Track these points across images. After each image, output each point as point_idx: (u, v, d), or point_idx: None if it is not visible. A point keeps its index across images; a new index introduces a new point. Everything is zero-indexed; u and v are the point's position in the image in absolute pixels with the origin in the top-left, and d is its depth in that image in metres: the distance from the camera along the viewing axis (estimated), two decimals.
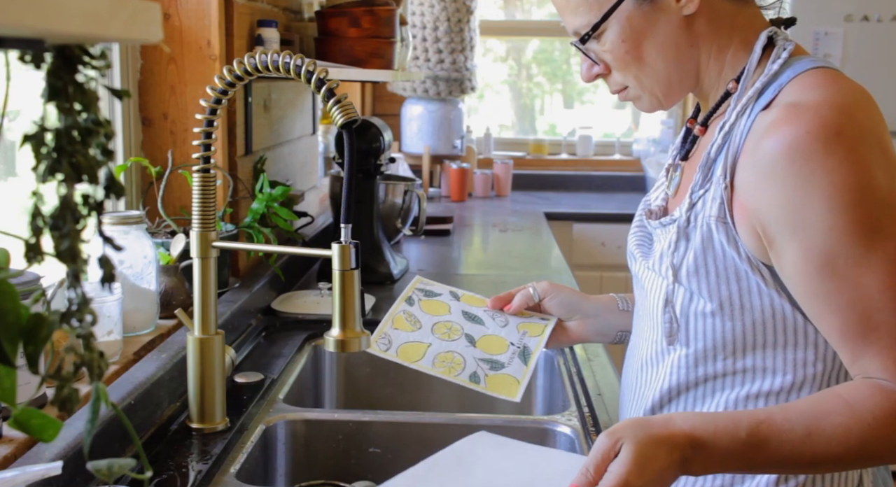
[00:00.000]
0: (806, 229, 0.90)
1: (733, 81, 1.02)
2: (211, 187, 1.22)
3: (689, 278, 1.00)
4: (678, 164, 1.11)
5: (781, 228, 0.92)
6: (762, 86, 0.99)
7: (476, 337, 1.25)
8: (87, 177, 0.47)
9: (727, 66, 1.04)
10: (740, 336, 0.99)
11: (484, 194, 3.92)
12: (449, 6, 3.57)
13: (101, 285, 0.49)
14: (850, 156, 0.89)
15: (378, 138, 2.16)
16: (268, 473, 1.35)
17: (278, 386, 1.49)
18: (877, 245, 0.89)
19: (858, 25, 3.41)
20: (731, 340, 1.00)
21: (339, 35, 2.07)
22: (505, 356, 1.22)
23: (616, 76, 1.07)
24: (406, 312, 1.26)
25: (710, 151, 1.01)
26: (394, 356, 1.20)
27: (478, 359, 1.21)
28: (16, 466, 0.93)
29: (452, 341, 1.23)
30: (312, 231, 2.36)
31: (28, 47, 0.45)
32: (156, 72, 1.72)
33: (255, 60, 1.14)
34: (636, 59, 1.03)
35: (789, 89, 0.96)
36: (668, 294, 1.02)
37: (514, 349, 1.24)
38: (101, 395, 0.51)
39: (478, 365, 1.21)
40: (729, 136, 0.99)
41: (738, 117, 0.99)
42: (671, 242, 1.02)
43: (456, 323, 1.26)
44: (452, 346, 1.22)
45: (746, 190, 0.95)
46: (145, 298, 1.40)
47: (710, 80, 1.05)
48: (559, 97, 4.74)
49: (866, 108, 0.93)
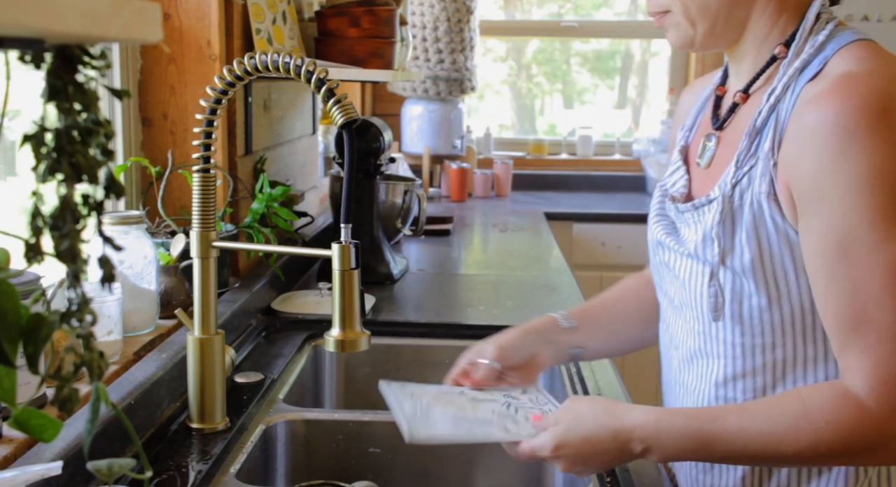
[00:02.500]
0: (829, 204, 0.89)
1: (781, 46, 0.99)
2: (211, 187, 1.22)
3: (741, 258, 0.97)
4: (712, 134, 1.07)
5: (809, 200, 0.91)
6: (809, 57, 0.96)
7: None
8: (87, 177, 0.47)
9: (776, 29, 1.00)
10: (799, 320, 0.97)
11: (484, 194, 3.92)
12: (449, 6, 3.57)
13: (101, 285, 0.49)
14: (893, 138, 0.87)
15: (378, 138, 2.16)
16: (268, 473, 1.35)
17: (278, 386, 1.49)
18: (894, 237, 0.87)
19: (858, 25, 3.40)
20: (785, 324, 0.97)
21: (339, 35, 2.07)
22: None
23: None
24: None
25: (757, 120, 0.97)
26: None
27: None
28: (16, 466, 0.93)
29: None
30: (312, 231, 2.36)
31: (28, 47, 0.45)
32: (156, 72, 1.72)
33: (255, 60, 1.14)
34: None
35: (837, 60, 0.94)
36: (713, 271, 0.99)
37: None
38: (101, 395, 0.51)
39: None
40: (775, 108, 0.97)
41: (784, 90, 0.96)
42: (714, 222, 0.98)
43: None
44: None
45: (789, 162, 0.93)
46: (145, 298, 1.40)
47: (755, 40, 1.01)
48: (559, 97, 4.74)
49: None
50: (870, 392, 0.89)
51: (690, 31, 1.02)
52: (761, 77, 1.01)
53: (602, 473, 1.15)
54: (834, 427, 0.89)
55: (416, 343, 1.79)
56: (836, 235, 0.89)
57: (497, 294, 2.16)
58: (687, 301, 1.05)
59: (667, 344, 1.15)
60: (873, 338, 0.89)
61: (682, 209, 1.06)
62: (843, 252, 0.89)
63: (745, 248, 0.96)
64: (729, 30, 1.01)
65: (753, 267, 0.96)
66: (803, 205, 0.92)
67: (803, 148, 0.91)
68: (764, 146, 0.96)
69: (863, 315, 0.89)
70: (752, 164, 0.97)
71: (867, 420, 0.89)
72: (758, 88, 1.02)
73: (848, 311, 0.90)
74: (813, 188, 0.90)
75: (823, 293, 0.92)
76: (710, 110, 1.11)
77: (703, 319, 1.03)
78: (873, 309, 0.88)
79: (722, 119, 1.07)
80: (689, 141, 1.15)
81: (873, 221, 0.87)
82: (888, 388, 0.88)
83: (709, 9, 0.99)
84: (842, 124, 0.87)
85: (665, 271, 1.10)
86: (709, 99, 1.15)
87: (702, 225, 1.01)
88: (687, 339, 1.07)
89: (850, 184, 0.87)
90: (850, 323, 0.90)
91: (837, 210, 0.89)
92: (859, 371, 0.90)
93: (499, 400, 1.15)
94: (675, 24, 1.03)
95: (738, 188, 0.97)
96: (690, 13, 1.00)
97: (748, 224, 0.96)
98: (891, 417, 0.88)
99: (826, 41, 0.97)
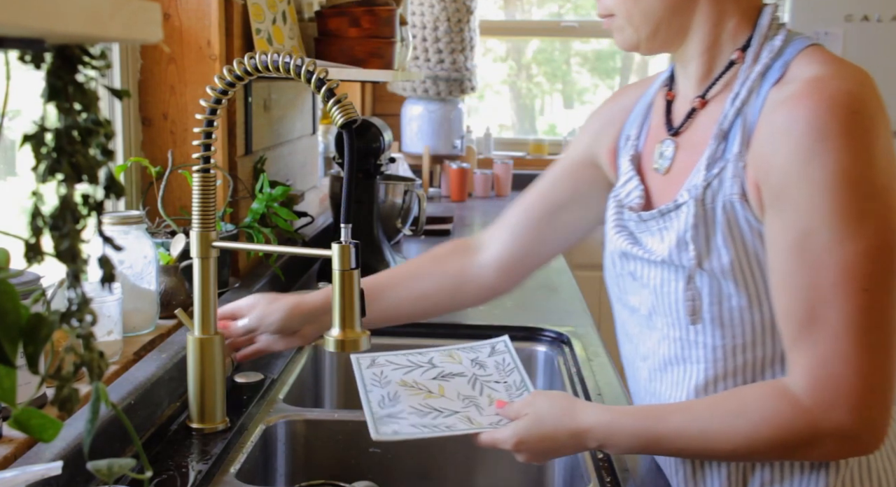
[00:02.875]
0: (793, 202, 0.90)
1: (738, 51, 1.00)
2: (211, 187, 1.22)
3: (719, 260, 0.97)
4: (669, 140, 1.08)
5: (775, 197, 0.92)
6: (769, 61, 0.98)
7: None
8: (87, 177, 0.47)
9: (727, 35, 1.02)
10: (770, 321, 0.98)
11: (484, 194, 3.92)
12: (449, 6, 3.57)
13: (101, 285, 0.49)
14: (862, 138, 0.88)
15: (378, 138, 2.16)
16: (268, 473, 1.35)
17: (278, 386, 1.49)
18: (851, 237, 0.88)
19: (858, 25, 3.41)
20: (766, 323, 0.98)
21: (339, 35, 2.07)
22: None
23: (609, 0, 1.04)
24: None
25: (723, 124, 0.98)
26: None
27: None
28: (16, 466, 0.93)
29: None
30: (312, 231, 2.36)
31: (28, 47, 0.45)
32: (156, 72, 1.72)
33: (255, 60, 1.14)
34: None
35: (798, 64, 0.96)
36: (689, 275, 0.99)
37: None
38: (101, 395, 0.51)
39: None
40: (741, 112, 0.98)
41: (749, 94, 0.98)
42: (688, 226, 0.99)
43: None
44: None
45: (760, 162, 0.94)
46: (145, 298, 1.40)
47: (700, 44, 1.02)
48: (559, 97, 4.74)
49: (877, 90, 0.94)
50: (807, 389, 0.91)
51: (634, 36, 1.04)
52: (719, 82, 1.03)
53: (602, 473, 1.16)
54: (770, 424, 0.92)
55: (416, 343, 1.79)
56: (796, 233, 0.91)
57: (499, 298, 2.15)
58: (660, 308, 1.05)
59: (631, 357, 1.15)
60: (817, 337, 0.90)
61: (646, 217, 1.06)
62: (800, 250, 0.90)
63: (722, 250, 0.97)
64: (672, 34, 1.03)
65: (733, 268, 0.97)
66: (772, 203, 0.93)
67: (775, 147, 0.92)
68: (732, 149, 0.97)
69: (811, 313, 0.90)
70: (721, 167, 0.98)
71: (802, 417, 0.91)
72: (716, 93, 1.03)
73: (798, 309, 0.91)
74: (780, 186, 0.92)
75: (778, 289, 0.94)
76: (661, 117, 1.11)
77: (680, 325, 1.03)
78: (822, 308, 0.90)
79: (679, 124, 1.07)
80: (641, 149, 1.14)
81: (833, 221, 0.88)
82: (824, 386, 0.90)
83: (650, 14, 1.01)
84: (814, 125, 0.89)
85: (629, 282, 1.10)
86: (652, 106, 1.15)
87: (671, 230, 1.02)
88: (659, 348, 1.07)
89: (816, 184, 0.89)
90: (799, 321, 0.92)
91: (800, 208, 0.90)
92: (800, 368, 0.92)
93: (465, 373, 1.19)
94: (619, 27, 1.05)
95: (709, 191, 0.98)
96: (633, 18, 1.02)
97: (723, 226, 0.97)
98: (825, 415, 0.90)
99: (783, 46, 0.99)
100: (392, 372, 1.18)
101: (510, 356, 1.23)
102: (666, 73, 1.15)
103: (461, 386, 1.16)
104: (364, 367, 1.19)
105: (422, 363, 1.20)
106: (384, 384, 1.16)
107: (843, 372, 0.89)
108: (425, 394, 1.14)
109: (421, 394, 1.14)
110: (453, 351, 1.23)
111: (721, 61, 1.02)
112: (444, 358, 1.22)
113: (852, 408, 0.90)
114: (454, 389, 1.16)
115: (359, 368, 1.19)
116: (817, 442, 0.92)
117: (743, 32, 1.01)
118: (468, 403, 1.13)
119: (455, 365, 1.21)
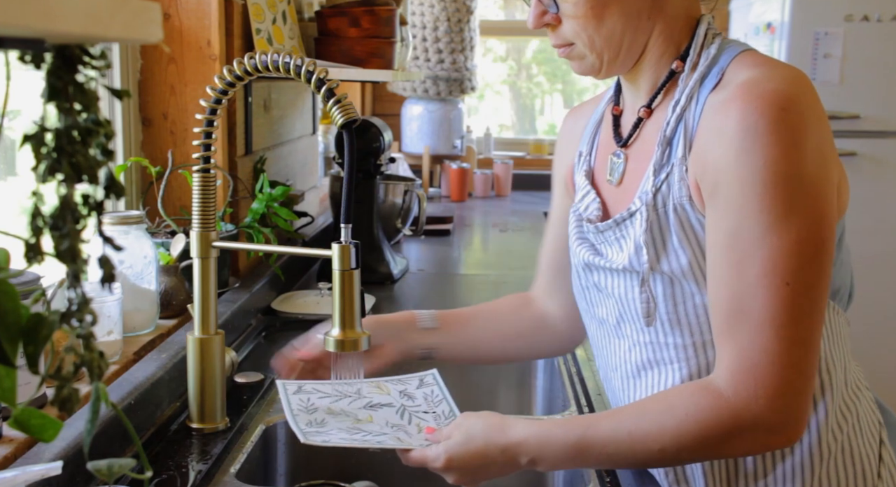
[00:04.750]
0: (725, 197, 0.92)
1: (678, 61, 1.03)
2: (211, 187, 1.22)
3: (678, 261, 0.99)
4: (619, 151, 1.10)
5: (711, 194, 0.95)
6: (706, 68, 1.01)
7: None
8: (87, 177, 0.47)
9: (672, 46, 1.04)
10: None
11: (484, 194, 3.92)
12: (449, 6, 3.57)
13: (101, 285, 0.49)
14: (791, 136, 0.90)
15: (378, 138, 2.16)
16: (268, 473, 1.35)
17: None
18: (775, 231, 0.90)
19: (858, 25, 3.41)
20: None
21: (339, 35, 2.07)
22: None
23: (566, 30, 1.03)
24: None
25: (666, 131, 1.01)
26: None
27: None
28: (16, 466, 0.93)
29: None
30: (312, 231, 2.36)
31: (28, 47, 0.45)
32: (156, 72, 1.72)
33: (255, 60, 1.14)
34: (597, 16, 1.00)
35: (733, 69, 0.98)
36: (643, 278, 1.01)
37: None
38: (101, 395, 0.51)
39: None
40: (682, 118, 1.00)
41: (689, 100, 1.00)
42: (642, 231, 1.01)
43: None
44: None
45: (697, 162, 0.97)
46: (145, 298, 1.40)
47: (653, 58, 1.05)
48: (559, 97, 4.74)
49: (811, 88, 0.95)
50: (729, 381, 0.92)
51: (596, 62, 1.05)
52: (661, 91, 1.05)
53: (602, 473, 1.15)
54: (694, 418, 0.92)
55: None
56: (726, 226, 0.93)
57: (497, 294, 2.15)
58: (626, 316, 1.07)
59: (603, 368, 1.16)
60: (741, 329, 0.92)
61: (602, 227, 1.08)
62: (730, 243, 0.92)
63: (679, 251, 0.99)
64: (632, 53, 1.04)
65: (692, 268, 0.99)
66: (708, 199, 0.95)
67: (710, 147, 0.95)
68: (676, 153, 0.99)
69: (736, 305, 0.92)
70: (667, 172, 1.00)
71: (724, 409, 0.91)
72: (659, 102, 1.06)
73: (725, 301, 0.93)
74: (714, 183, 0.94)
75: (710, 281, 0.96)
76: (610, 130, 1.13)
77: (647, 329, 1.05)
78: (746, 300, 0.91)
79: (626, 136, 1.09)
80: (593, 164, 1.17)
81: (759, 215, 0.90)
82: (745, 377, 0.91)
83: (613, 38, 1.02)
84: (745, 123, 0.91)
85: (595, 293, 1.12)
86: (601, 121, 1.18)
87: (628, 238, 1.04)
88: (630, 355, 1.08)
89: (746, 179, 0.91)
90: (725, 313, 0.93)
91: (732, 202, 0.92)
92: (724, 361, 0.93)
93: (394, 404, 1.16)
94: (579, 55, 1.05)
95: (659, 196, 1.00)
96: (595, 45, 1.03)
97: (676, 228, 0.99)
98: (746, 406, 0.91)
99: (718, 54, 1.01)
100: (319, 399, 1.15)
101: (438, 388, 1.20)
102: (612, 89, 1.17)
103: (389, 415, 1.14)
104: (290, 392, 1.16)
105: (349, 393, 1.17)
106: (310, 410, 1.12)
107: (763, 363, 0.91)
108: (353, 420, 1.11)
109: (349, 420, 1.11)
110: (381, 382, 1.20)
111: (664, 72, 1.05)
112: (372, 389, 1.19)
113: (771, 399, 0.91)
114: (382, 418, 1.13)
115: (285, 393, 1.15)
116: (739, 435, 0.92)
117: (683, 42, 1.04)
118: (397, 429, 1.11)
119: (383, 396, 1.18)
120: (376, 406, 1.16)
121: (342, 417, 1.12)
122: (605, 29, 1.01)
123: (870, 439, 1.05)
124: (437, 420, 1.14)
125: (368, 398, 1.17)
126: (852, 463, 1.02)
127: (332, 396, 1.16)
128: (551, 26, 1.04)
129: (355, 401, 1.16)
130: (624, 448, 0.96)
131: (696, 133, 0.98)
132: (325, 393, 1.17)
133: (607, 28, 1.01)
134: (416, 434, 1.10)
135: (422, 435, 1.10)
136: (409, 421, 1.13)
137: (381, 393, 1.19)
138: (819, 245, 0.91)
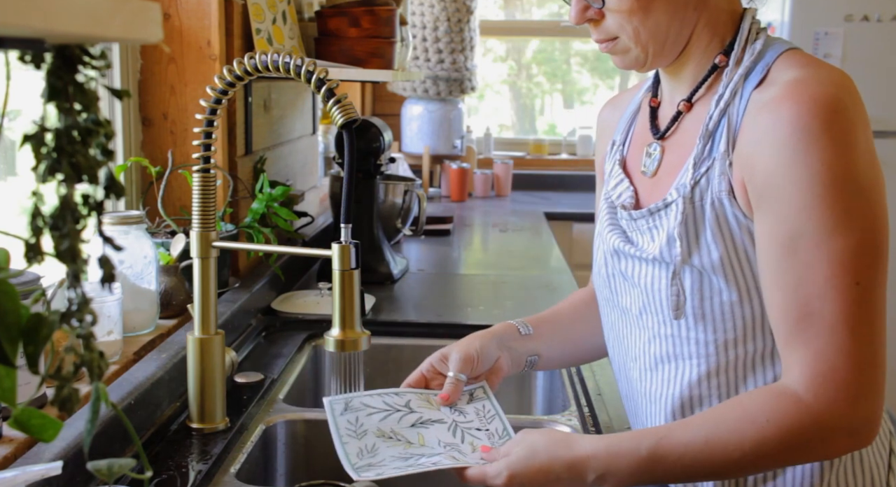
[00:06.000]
0: (782, 200, 0.92)
1: (721, 55, 1.02)
2: (211, 187, 1.22)
3: (709, 256, 0.98)
4: (655, 143, 1.09)
5: (763, 197, 0.94)
6: (751, 64, 1.00)
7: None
8: (87, 177, 0.47)
9: (716, 40, 1.03)
10: (761, 316, 0.98)
11: (484, 194, 3.92)
12: (449, 6, 3.57)
13: (101, 285, 0.49)
14: (844, 137, 0.90)
15: (378, 138, 2.16)
16: (268, 473, 1.35)
17: (278, 386, 1.49)
18: (840, 233, 0.90)
19: (858, 25, 3.41)
20: (756, 317, 0.99)
21: (339, 35, 2.07)
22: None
23: (611, 23, 1.02)
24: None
25: (708, 124, 1.00)
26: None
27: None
28: (16, 466, 0.93)
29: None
30: (312, 231, 2.36)
31: (28, 47, 0.45)
32: (156, 72, 1.72)
33: (255, 60, 1.14)
34: (644, 8, 0.99)
35: (780, 67, 0.97)
36: (675, 271, 1.00)
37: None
38: (101, 395, 0.51)
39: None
40: (725, 112, 0.99)
41: (732, 95, 0.99)
42: (676, 223, 1.00)
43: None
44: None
45: (745, 162, 0.96)
46: (145, 298, 1.40)
47: (696, 51, 1.04)
48: (559, 97, 4.74)
49: (856, 90, 0.95)
50: (808, 385, 0.91)
51: (641, 55, 1.03)
52: (703, 85, 1.04)
53: None
54: (775, 424, 0.91)
55: (416, 343, 1.79)
56: (786, 230, 0.92)
57: (497, 294, 2.16)
58: (650, 307, 1.05)
59: (621, 358, 1.15)
60: (813, 332, 0.91)
61: (636, 216, 1.07)
62: (791, 247, 0.91)
63: (711, 246, 0.98)
64: (677, 45, 1.03)
65: (723, 263, 0.98)
66: (758, 202, 0.95)
67: (760, 148, 0.94)
68: (719, 148, 0.99)
69: (805, 309, 0.91)
70: (708, 165, 0.99)
71: (805, 414, 0.90)
72: (700, 96, 1.05)
73: (791, 305, 0.92)
74: (767, 185, 0.93)
75: (770, 288, 0.95)
76: (646, 122, 1.13)
77: (671, 322, 1.04)
78: (816, 303, 0.90)
79: (664, 128, 1.08)
80: (626, 153, 1.17)
81: (822, 218, 0.90)
82: (825, 381, 0.90)
83: (659, 30, 1.01)
84: (797, 126, 0.90)
85: (620, 281, 1.11)
86: (637, 112, 1.17)
87: (661, 229, 1.03)
88: (650, 347, 1.07)
89: (803, 182, 0.90)
90: (792, 318, 0.92)
91: (789, 206, 0.91)
92: (798, 365, 0.92)
93: (445, 420, 1.13)
94: (623, 49, 1.04)
95: (697, 189, 1.00)
96: (641, 38, 1.01)
97: (712, 222, 0.98)
98: (828, 410, 0.90)
99: (764, 49, 1.00)
100: (367, 418, 1.11)
101: (490, 402, 1.17)
102: (650, 80, 1.17)
103: (441, 433, 1.10)
104: (338, 414, 1.11)
105: (399, 406, 1.14)
106: (360, 435, 1.08)
107: (842, 365, 0.90)
108: (405, 445, 1.08)
109: (400, 445, 1.08)
110: (430, 395, 1.18)
111: (706, 65, 1.04)
112: (422, 403, 1.15)
113: (852, 400, 0.90)
114: (434, 436, 1.10)
115: (332, 415, 1.11)
116: (821, 439, 0.91)
117: (727, 36, 1.03)
118: (451, 449, 1.07)
119: (433, 412, 1.14)
120: (427, 422, 1.12)
121: (393, 442, 1.08)
122: (651, 21, 1.00)
123: (879, 448, 1.04)
124: (491, 438, 1.11)
125: (419, 413, 1.14)
126: (861, 472, 1.01)
127: (381, 411, 1.13)
128: (594, 21, 1.03)
129: (405, 416, 1.13)
130: (702, 458, 0.93)
131: (740, 129, 0.97)
132: (374, 408, 1.13)
133: (653, 20, 1.00)
134: (470, 453, 1.06)
135: (476, 454, 1.06)
136: (463, 440, 1.10)
137: (430, 407, 1.15)
138: (880, 243, 0.91)
